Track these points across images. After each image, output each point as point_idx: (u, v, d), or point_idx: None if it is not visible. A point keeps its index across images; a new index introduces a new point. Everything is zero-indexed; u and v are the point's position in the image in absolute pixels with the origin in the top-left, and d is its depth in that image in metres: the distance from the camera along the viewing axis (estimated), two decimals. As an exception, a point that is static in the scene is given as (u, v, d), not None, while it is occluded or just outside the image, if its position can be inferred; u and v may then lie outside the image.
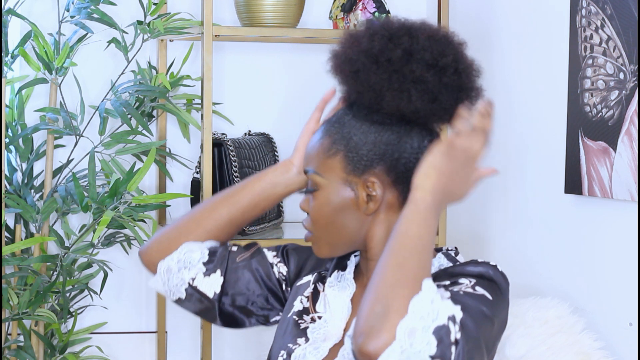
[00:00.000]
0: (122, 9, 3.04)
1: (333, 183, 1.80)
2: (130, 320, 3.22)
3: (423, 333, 1.56)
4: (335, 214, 1.80)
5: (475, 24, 3.13)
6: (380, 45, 1.79)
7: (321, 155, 1.81)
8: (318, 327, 1.86)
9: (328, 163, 1.80)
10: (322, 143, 1.82)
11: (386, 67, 1.78)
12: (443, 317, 1.58)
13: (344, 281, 1.90)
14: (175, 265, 1.94)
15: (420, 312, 1.57)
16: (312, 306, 1.90)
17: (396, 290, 1.58)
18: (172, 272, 1.94)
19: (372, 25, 1.83)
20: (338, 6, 3.06)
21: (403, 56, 1.77)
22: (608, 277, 2.53)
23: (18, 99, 2.94)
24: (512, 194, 2.94)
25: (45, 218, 2.84)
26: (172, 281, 1.95)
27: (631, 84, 2.41)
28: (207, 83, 2.79)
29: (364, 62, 1.79)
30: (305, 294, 1.92)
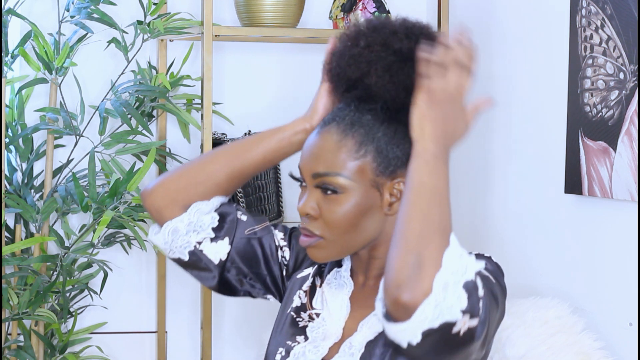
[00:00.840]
0: (122, 9, 3.05)
1: (362, 186, 1.76)
2: (130, 320, 3.22)
3: (455, 287, 1.56)
4: (361, 217, 1.77)
5: (475, 24, 3.13)
6: (409, 44, 1.77)
7: (348, 158, 1.76)
8: (317, 326, 1.85)
9: (357, 165, 1.76)
10: (346, 144, 1.76)
11: (416, 66, 1.74)
12: (471, 272, 1.59)
13: (341, 279, 1.88)
14: (185, 228, 1.89)
15: (453, 266, 1.57)
16: (309, 302, 1.89)
17: (426, 242, 1.58)
18: (179, 233, 1.89)
19: (390, 22, 1.80)
20: (338, 6, 3.06)
21: None
22: (608, 277, 2.53)
23: (18, 99, 2.94)
24: (512, 194, 2.94)
25: (45, 218, 2.84)
26: (176, 242, 1.90)
27: (631, 83, 2.41)
28: (207, 83, 2.79)
29: (394, 60, 1.76)
30: (304, 288, 1.91)
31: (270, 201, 3.08)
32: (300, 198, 1.82)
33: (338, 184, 1.76)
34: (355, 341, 1.80)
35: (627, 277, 2.44)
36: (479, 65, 1.69)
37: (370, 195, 1.77)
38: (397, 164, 1.77)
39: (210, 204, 1.91)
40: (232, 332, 3.26)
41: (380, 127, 1.77)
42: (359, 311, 1.84)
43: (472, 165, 3.11)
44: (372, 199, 1.77)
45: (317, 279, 1.91)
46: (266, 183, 3.07)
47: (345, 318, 1.84)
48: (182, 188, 1.90)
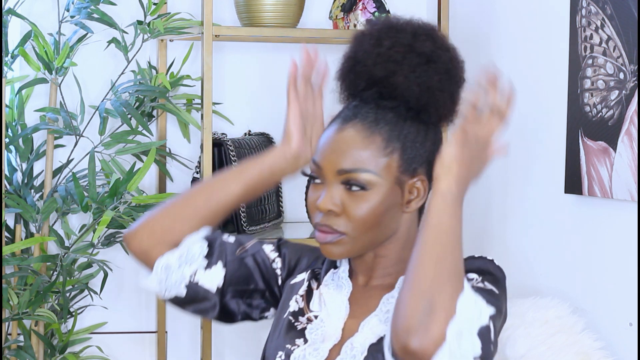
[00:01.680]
0: (122, 9, 3.05)
1: (387, 183, 1.77)
2: (130, 320, 3.22)
3: (469, 335, 1.57)
4: (384, 214, 1.77)
5: (475, 24, 3.13)
6: (431, 47, 1.80)
7: (376, 154, 1.76)
8: (315, 328, 1.84)
9: (385, 162, 1.77)
10: (374, 141, 1.77)
11: (438, 68, 1.79)
12: (485, 317, 1.60)
13: (339, 280, 1.88)
14: (176, 262, 1.87)
15: (467, 313, 1.58)
16: (306, 306, 1.88)
17: (440, 287, 1.58)
18: (171, 269, 1.87)
19: (409, 23, 1.82)
20: (338, 6, 3.06)
21: (451, 58, 1.81)
22: (608, 277, 2.53)
23: (18, 99, 2.94)
24: (512, 194, 2.94)
25: (45, 218, 2.84)
26: (170, 279, 1.87)
27: (631, 83, 2.41)
28: (207, 83, 2.79)
29: (418, 61, 1.79)
30: (299, 292, 1.90)
31: (270, 201, 3.08)
32: (314, 194, 1.81)
33: (366, 180, 1.76)
34: (357, 342, 1.79)
35: (627, 277, 2.44)
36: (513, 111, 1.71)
37: (393, 192, 1.78)
38: (418, 162, 1.79)
39: (198, 234, 1.90)
40: (232, 333, 3.26)
41: (404, 125, 1.79)
42: (359, 311, 1.84)
43: (472, 165, 3.10)
44: (395, 196, 1.78)
45: (312, 282, 1.90)
46: (266, 183, 3.07)
47: (344, 319, 1.83)
48: (168, 227, 1.88)
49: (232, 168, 1.92)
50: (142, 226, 1.89)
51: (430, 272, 1.60)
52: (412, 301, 1.58)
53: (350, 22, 3.01)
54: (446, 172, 1.67)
